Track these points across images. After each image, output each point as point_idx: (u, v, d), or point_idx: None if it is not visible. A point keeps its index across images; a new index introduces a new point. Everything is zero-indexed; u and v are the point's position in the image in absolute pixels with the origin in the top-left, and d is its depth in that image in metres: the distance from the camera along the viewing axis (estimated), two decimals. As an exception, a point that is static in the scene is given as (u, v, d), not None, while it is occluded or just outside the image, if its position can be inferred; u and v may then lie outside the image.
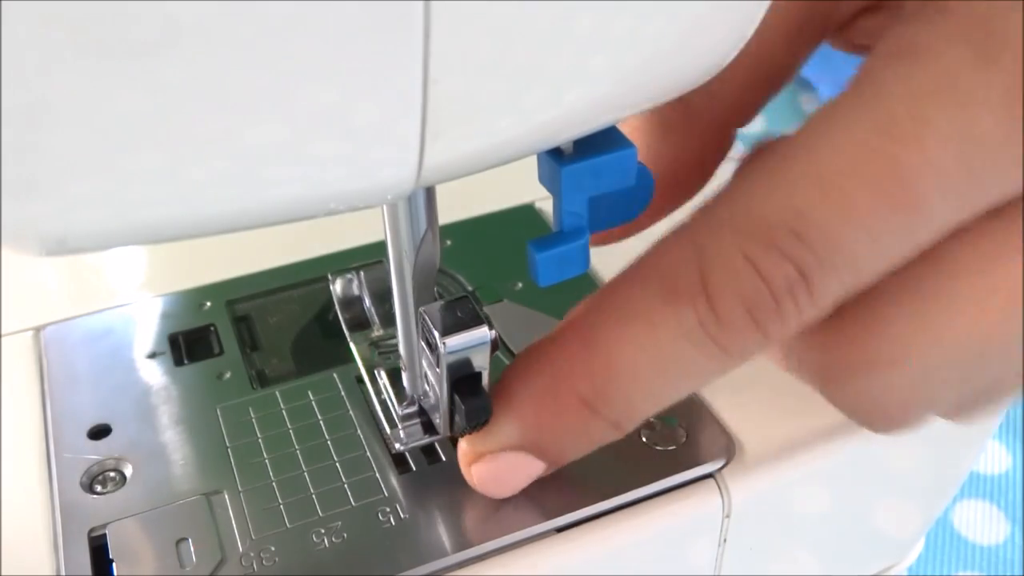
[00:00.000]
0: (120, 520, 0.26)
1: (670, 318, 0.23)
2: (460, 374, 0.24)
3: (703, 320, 0.23)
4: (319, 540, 0.25)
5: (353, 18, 0.14)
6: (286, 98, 0.15)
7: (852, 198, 0.21)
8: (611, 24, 0.17)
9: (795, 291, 0.22)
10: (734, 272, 0.22)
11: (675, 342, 0.23)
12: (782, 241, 0.21)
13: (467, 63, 0.15)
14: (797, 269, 0.22)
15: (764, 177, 0.22)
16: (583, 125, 0.19)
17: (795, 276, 0.22)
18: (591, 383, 0.24)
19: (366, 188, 0.17)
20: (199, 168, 0.15)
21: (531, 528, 0.25)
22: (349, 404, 0.29)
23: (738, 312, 0.22)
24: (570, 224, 0.23)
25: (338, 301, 0.29)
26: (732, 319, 0.22)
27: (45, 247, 0.16)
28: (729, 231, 0.22)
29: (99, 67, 0.14)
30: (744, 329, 0.22)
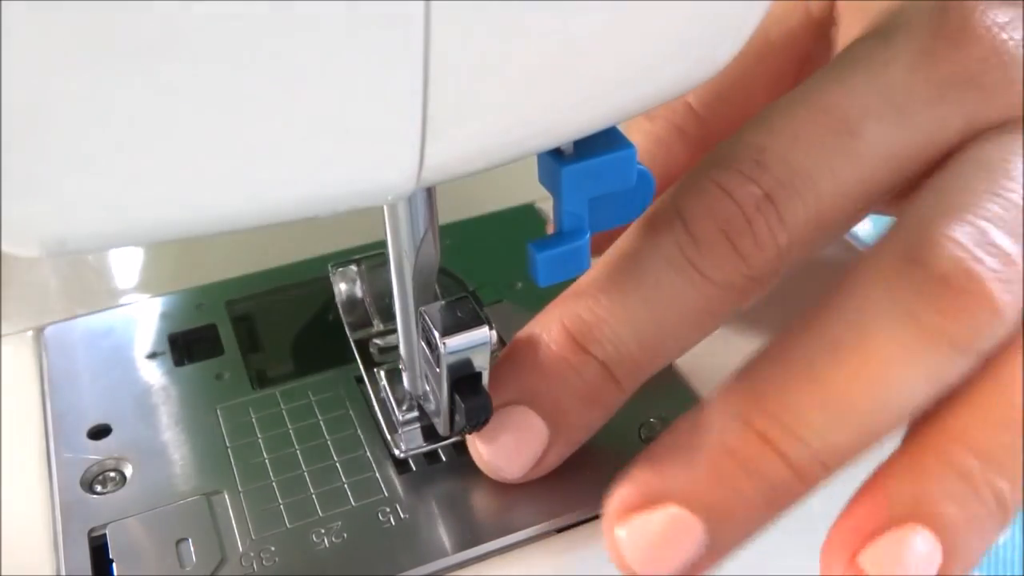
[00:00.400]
0: (120, 520, 0.26)
1: (652, 250, 0.24)
2: (460, 374, 0.24)
3: (680, 243, 0.24)
4: (319, 540, 0.25)
5: (354, 18, 0.14)
6: (286, 98, 0.15)
7: (799, 131, 0.24)
8: (611, 25, 0.17)
9: (763, 209, 0.23)
10: (704, 195, 0.24)
11: (658, 271, 0.24)
12: (746, 168, 0.24)
13: (467, 63, 0.15)
14: (762, 190, 0.23)
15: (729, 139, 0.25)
16: (583, 126, 0.19)
17: (761, 196, 0.23)
18: (577, 318, 0.24)
19: (367, 188, 0.17)
20: (199, 168, 0.15)
21: (531, 528, 0.25)
22: (349, 404, 0.29)
23: (712, 230, 0.23)
24: (570, 224, 0.23)
25: (338, 293, 0.29)
26: (707, 238, 0.23)
27: (45, 247, 0.16)
28: (700, 169, 0.24)
29: (99, 68, 0.14)
30: (721, 250, 0.23)
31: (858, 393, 0.21)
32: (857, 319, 0.21)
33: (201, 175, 0.15)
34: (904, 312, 0.21)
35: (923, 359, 0.21)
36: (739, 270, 0.23)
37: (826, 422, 0.21)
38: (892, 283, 0.21)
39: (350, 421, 0.28)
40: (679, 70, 0.19)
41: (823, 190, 0.24)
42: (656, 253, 0.24)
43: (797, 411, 0.21)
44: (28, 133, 0.14)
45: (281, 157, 0.16)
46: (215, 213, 0.16)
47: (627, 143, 0.22)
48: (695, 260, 0.24)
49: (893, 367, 0.21)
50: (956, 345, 0.21)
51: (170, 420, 0.29)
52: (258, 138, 0.15)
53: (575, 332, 0.24)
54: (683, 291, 0.24)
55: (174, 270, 0.35)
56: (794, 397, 0.21)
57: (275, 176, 0.16)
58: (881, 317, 0.21)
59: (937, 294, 0.21)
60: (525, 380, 0.25)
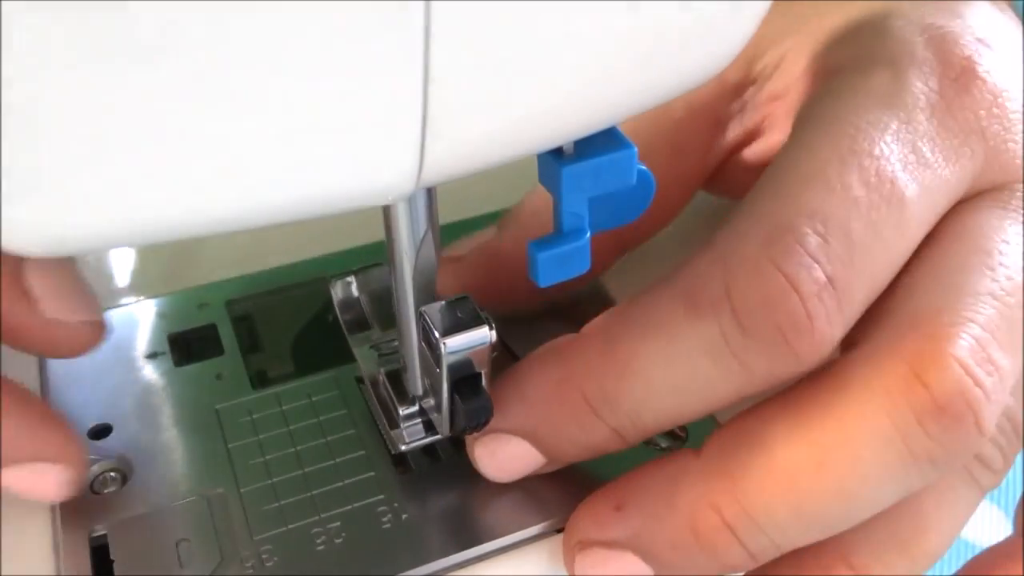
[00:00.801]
0: (120, 520, 0.26)
1: (691, 332, 0.22)
2: (460, 374, 0.24)
3: (726, 332, 0.22)
4: (319, 541, 0.25)
5: (354, 18, 0.14)
6: (286, 99, 0.15)
7: (856, 194, 0.22)
8: (612, 25, 0.17)
9: (825, 300, 0.21)
10: (761, 281, 0.21)
11: (693, 358, 0.22)
12: (809, 245, 0.22)
13: (468, 63, 0.15)
14: (826, 275, 0.22)
15: (772, 184, 0.23)
16: (583, 126, 0.19)
17: (824, 282, 0.22)
18: (599, 386, 0.23)
19: (367, 189, 0.17)
20: (199, 168, 0.15)
21: (531, 528, 0.25)
22: (349, 405, 0.29)
23: (768, 325, 0.21)
24: (570, 224, 0.23)
25: (338, 304, 0.29)
26: (760, 332, 0.21)
27: (44, 247, 0.16)
28: (752, 240, 0.22)
29: (98, 69, 0.14)
30: (774, 346, 0.22)
31: (832, 504, 0.22)
32: (849, 436, 0.22)
33: (200, 175, 0.15)
34: (898, 435, 0.21)
35: (902, 478, 0.22)
36: (788, 367, 0.22)
37: (793, 522, 0.22)
38: (893, 399, 0.21)
39: (350, 421, 0.28)
40: (680, 70, 0.19)
41: (878, 269, 0.23)
42: (696, 339, 0.22)
43: (768, 509, 0.22)
44: (28, 133, 0.14)
45: (281, 158, 0.16)
46: (215, 213, 0.16)
47: (627, 143, 0.22)
48: (740, 353, 0.22)
49: (872, 486, 0.22)
50: (936, 464, 0.22)
51: (170, 420, 0.29)
52: (258, 138, 0.15)
53: (593, 400, 0.23)
54: (719, 382, 0.22)
55: (174, 270, 0.35)
56: (768, 494, 0.22)
57: (275, 176, 0.16)
58: (874, 438, 0.21)
59: (934, 419, 0.21)
60: (532, 419, 0.25)
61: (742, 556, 0.22)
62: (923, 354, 0.21)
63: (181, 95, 0.14)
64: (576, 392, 0.24)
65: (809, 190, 0.22)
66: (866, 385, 0.22)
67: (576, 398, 0.24)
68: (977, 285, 0.23)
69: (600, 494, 0.24)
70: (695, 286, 0.22)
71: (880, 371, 0.22)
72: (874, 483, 0.22)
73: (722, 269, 0.22)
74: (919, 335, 0.22)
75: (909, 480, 0.22)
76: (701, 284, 0.22)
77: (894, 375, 0.21)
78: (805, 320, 0.21)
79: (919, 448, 0.21)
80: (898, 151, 0.23)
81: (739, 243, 0.22)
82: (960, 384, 0.21)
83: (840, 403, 0.22)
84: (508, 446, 0.25)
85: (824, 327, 0.22)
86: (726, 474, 0.22)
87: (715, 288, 0.22)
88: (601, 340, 0.24)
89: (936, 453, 0.21)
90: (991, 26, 0.26)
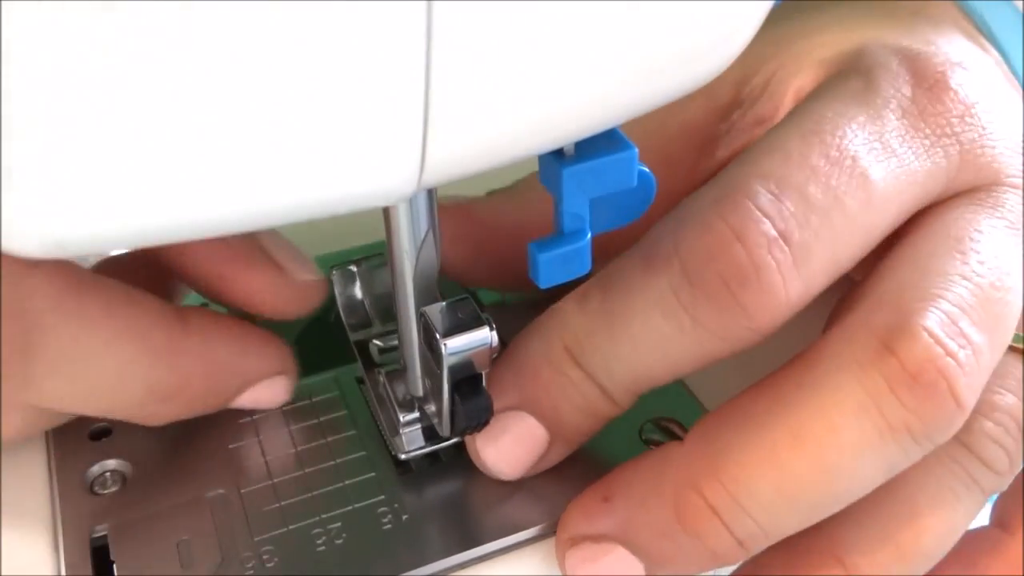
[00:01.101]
0: (121, 521, 0.26)
1: (644, 287, 0.23)
2: (461, 375, 0.24)
3: (675, 286, 0.22)
4: (319, 541, 0.25)
5: (355, 19, 0.14)
6: (287, 100, 0.15)
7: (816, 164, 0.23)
8: (614, 26, 0.17)
9: (776, 254, 0.22)
10: (709, 234, 0.22)
11: (648, 314, 0.23)
12: (761, 202, 0.22)
13: (469, 65, 0.15)
14: (777, 230, 0.22)
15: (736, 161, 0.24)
16: (585, 127, 0.19)
17: (774, 237, 0.22)
18: (576, 340, 0.24)
19: (368, 190, 0.17)
20: (199, 170, 0.15)
21: (531, 529, 0.25)
22: (349, 405, 0.29)
23: (713, 278, 0.22)
24: (571, 225, 0.23)
25: (338, 295, 0.29)
26: (706, 285, 0.22)
27: (43, 249, 0.16)
28: (706, 200, 0.23)
29: (98, 70, 0.14)
30: (721, 300, 0.22)
31: (814, 481, 0.22)
32: (824, 407, 0.22)
33: (201, 177, 0.15)
34: (872, 403, 0.21)
35: (881, 451, 0.22)
36: (739, 322, 0.22)
37: (777, 502, 0.22)
38: (865, 370, 0.22)
39: (350, 422, 0.28)
40: (681, 71, 0.19)
41: (839, 236, 0.23)
42: (647, 294, 0.23)
43: (750, 488, 0.22)
44: (28, 134, 0.14)
45: (282, 159, 0.16)
46: (215, 215, 0.16)
47: (628, 144, 0.22)
48: (689, 306, 0.22)
49: (852, 459, 0.22)
50: (916, 438, 0.22)
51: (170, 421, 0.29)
52: (258, 140, 0.15)
53: (572, 350, 0.24)
54: (672, 336, 0.23)
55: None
56: (750, 474, 0.22)
57: (275, 178, 0.16)
58: (848, 407, 0.22)
59: (906, 387, 0.21)
60: (525, 388, 0.25)
61: (729, 542, 0.22)
62: (892, 326, 0.22)
63: (180, 97, 0.14)
64: (558, 347, 0.24)
65: (766, 157, 0.23)
66: (838, 358, 0.22)
67: (560, 353, 0.24)
68: (947, 267, 0.23)
69: (590, 489, 0.25)
70: (650, 244, 0.23)
71: (851, 345, 0.22)
72: (853, 455, 0.22)
73: (673, 226, 0.23)
74: (888, 310, 0.22)
75: (889, 454, 0.22)
76: (654, 242, 0.23)
77: (865, 347, 0.22)
78: (751, 270, 0.22)
79: (895, 418, 0.21)
80: (863, 137, 0.24)
81: (692, 203, 0.23)
82: (929, 352, 0.21)
83: (813, 377, 0.22)
84: (509, 425, 0.25)
85: (774, 278, 0.22)
86: (707, 456, 0.23)
87: (666, 244, 0.23)
88: (575, 300, 0.25)
89: (913, 424, 0.21)
90: (964, 53, 0.28)
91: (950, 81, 0.26)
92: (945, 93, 0.25)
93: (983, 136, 0.25)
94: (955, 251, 0.24)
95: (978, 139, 0.25)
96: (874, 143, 0.24)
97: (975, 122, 0.25)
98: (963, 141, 0.25)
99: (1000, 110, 0.26)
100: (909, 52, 0.26)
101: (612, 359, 0.24)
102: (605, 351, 0.24)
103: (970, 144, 0.25)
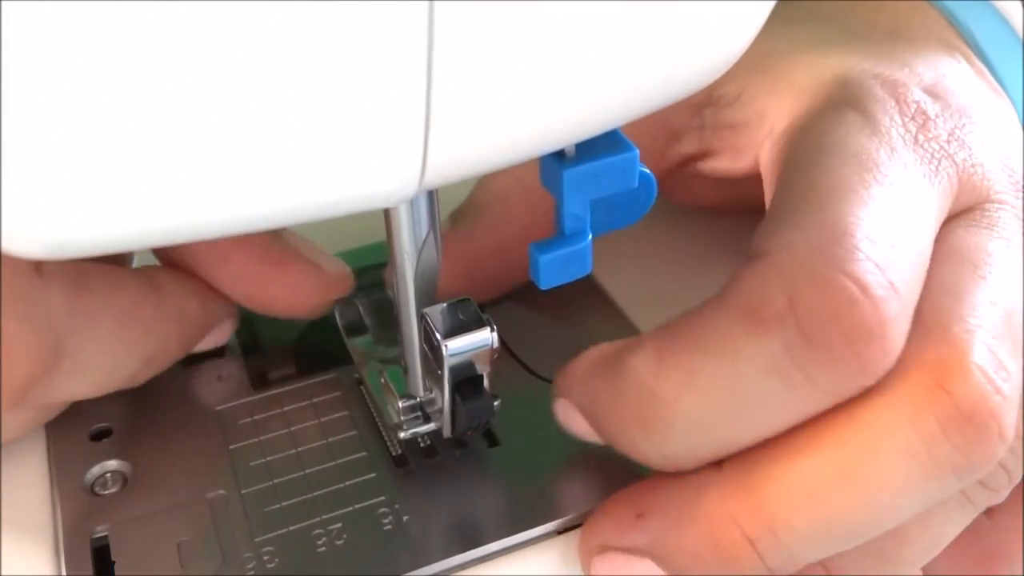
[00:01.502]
0: (121, 522, 0.26)
1: (753, 348, 0.21)
2: (462, 376, 0.24)
3: (792, 346, 0.21)
4: (320, 542, 0.25)
5: (357, 20, 0.14)
6: (288, 102, 0.15)
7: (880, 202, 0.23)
8: (615, 28, 0.17)
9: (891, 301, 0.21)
10: (827, 286, 0.21)
11: (756, 376, 0.21)
12: (864, 245, 0.21)
13: (471, 67, 0.15)
14: (887, 279, 0.21)
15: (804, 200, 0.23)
16: (586, 129, 0.19)
17: (887, 283, 0.21)
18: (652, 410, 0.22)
19: (369, 192, 0.17)
20: (200, 172, 0.15)
21: (532, 530, 0.25)
22: (350, 406, 0.29)
23: (833, 335, 0.21)
24: (572, 226, 0.23)
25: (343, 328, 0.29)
26: (826, 342, 0.21)
27: (45, 250, 0.16)
28: (809, 248, 0.22)
29: (99, 71, 0.14)
30: (842, 359, 0.21)
31: (854, 518, 0.22)
32: (873, 448, 0.21)
33: (203, 178, 0.15)
34: (923, 447, 0.21)
35: (925, 488, 0.22)
36: (855, 380, 0.21)
37: (814, 536, 0.22)
38: (918, 410, 0.21)
39: (351, 423, 0.28)
40: (682, 72, 0.19)
41: (917, 269, 0.23)
42: (759, 356, 0.21)
43: (790, 523, 0.22)
44: (29, 135, 0.14)
45: (283, 161, 0.16)
46: (217, 216, 0.16)
47: (629, 146, 0.22)
48: (806, 366, 0.21)
49: (895, 498, 0.21)
50: (960, 475, 0.22)
51: (171, 421, 0.29)
52: (260, 142, 0.15)
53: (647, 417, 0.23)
54: (783, 400, 0.22)
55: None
56: (791, 510, 0.22)
57: (276, 179, 0.16)
58: (898, 450, 0.21)
59: (959, 429, 0.21)
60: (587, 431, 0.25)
61: (760, 570, 0.22)
62: (945, 362, 0.21)
63: (182, 98, 0.14)
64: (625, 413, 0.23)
65: (846, 201, 0.23)
66: (889, 395, 0.22)
67: (626, 421, 0.23)
68: (977, 294, 0.23)
69: (621, 499, 0.24)
70: (754, 300, 0.22)
71: (903, 380, 0.22)
72: (897, 495, 0.21)
73: (781, 280, 0.21)
74: (938, 343, 0.22)
75: (931, 491, 0.22)
76: (760, 298, 0.21)
77: (917, 384, 0.21)
78: (876, 327, 0.21)
79: (943, 459, 0.21)
80: (896, 169, 0.24)
81: (795, 252, 0.22)
82: (982, 390, 0.21)
83: (864, 414, 0.22)
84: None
85: (895, 331, 0.21)
86: (748, 488, 0.22)
87: (776, 300, 0.21)
88: (655, 360, 0.23)
89: (960, 463, 0.21)
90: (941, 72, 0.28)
91: (928, 110, 0.26)
92: (928, 120, 0.26)
93: (972, 155, 0.25)
94: (978, 276, 0.23)
95: (969, 157, 0.25)
96: (902, 172, 0.24)
97: (962, 142, 0.26)
98: (957, 162, 0.25)
99: (982, 124, 0.27)
100: (887, 80, 0.27)
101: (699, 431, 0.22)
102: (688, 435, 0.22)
103: (963, 163, 0.25)
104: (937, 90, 0.27)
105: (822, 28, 0.30)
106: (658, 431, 0.22)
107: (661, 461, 0.23)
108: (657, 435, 0.23)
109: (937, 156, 0.25)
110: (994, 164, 0.26)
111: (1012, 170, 0.26)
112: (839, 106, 0.26)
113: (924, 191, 0.24)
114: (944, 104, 0.26)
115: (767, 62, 0.29)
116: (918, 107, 0.26)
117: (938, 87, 0.27)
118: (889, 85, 0.26)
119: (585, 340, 0.26)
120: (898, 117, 0.25)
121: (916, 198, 0.24)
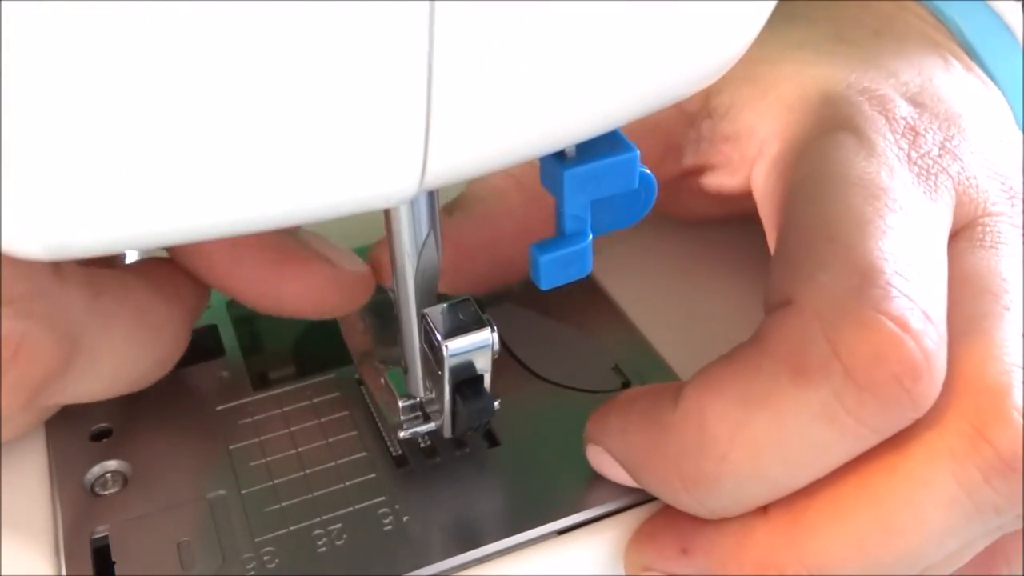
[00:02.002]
0: (121, 522, 0.26)
1: (801, 399, 0.21)
2: (462, 376, 0.24)
3: (840, 393, 0.21)
4: (320, 542, 0.25)
5: (357, 20, 0.14)
6: (288, 103, 0.15)
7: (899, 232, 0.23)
8: (615, 29, 0.17)
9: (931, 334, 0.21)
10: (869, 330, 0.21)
11: (805, 426, 0.21)
12: (895, 280, 0.22)
13: (471, 67, 0.15)
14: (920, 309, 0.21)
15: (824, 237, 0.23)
16: (586, 129, 0.19)
17: (923, 315, 0.21)
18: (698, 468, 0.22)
19: (370, 193, 0.17)
20: (202, 172, 0.15)
21: (532, 530, 0.25)
22: (350, 406, 0.29)
23: (882, 376, 0.21)
24: (572, 227, 0.23)
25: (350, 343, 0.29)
26: (875, 384, 0.21)
27: (46, 250, 0.16)
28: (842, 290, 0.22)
29: (100, 71, 0.14)
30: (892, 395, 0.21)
31: (897, 565, 0.22)
32: (915, 500, 0.21)
33: (204, 179, 0.15)
34: (965, 496, 0.21)
35: (966, 531, 0.22)
36: (906, 415, 0.21)
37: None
38: (960, 462, 0.21)
39: (351, 423, 0.28)
40: (682, 73, 0.19)
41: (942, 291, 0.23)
42: (808, 406, 0.21)
43: (832, 572, 0.22)
44: (30, 136, 0.14)
45: (284, 161, 0.16)
46: (219, 217, 0.16)
47: (630, 146, 0.22)
48: (856, 410, 0.21)
49: (938, 545, 0.22)
50: (1000, 515, 0.22)
51: (171, 422, 0.29)
52: (260, 143, 0.15)
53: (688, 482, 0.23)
54: (833, 445, 0.21)
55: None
56: (834, 560, 0.22)
57: (276, 180, 0.16)
58: (940, 500, 0.21)
59: (1001, 476, 0.21)
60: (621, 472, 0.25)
61: None
62: (984, 411, 0.21)
63: (183, 99, 0.14)
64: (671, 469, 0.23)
65: (867, 235, 0.22)
66: (930, 446, 0.22)
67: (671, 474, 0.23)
68: (1004, 327, 0.23)
69: (666, 529, 0.24)
70: (795, 349, 0.21)
71: (943, 430, 0.22)
72: (940, 541, 0.22)
73: (821, 325, 0.21)
74: (976, 390, 0.22)
75: (973, 532, 0.22)
76: (802, 346, 0.21)
77: (957, 434, 0.21)
78: (923, 362, 0.21)
79: (985, 504, 0.21)
80: (903, 191, 0.24)
81: (828, 296, 0.22)
82: (1021, 436, 0.21)
83: (905, 465, 0.22)
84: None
85: (939, 362, 0.21)
86: (792, 536, 0.22)
87: (819, 348, 0.21)
88: (697, 415, 0.22)
89: (1002, 505, 0.21)
90: (927, 77, 0.28)
91: (917, 124, 0.26)
92: (918, 135, 0.26)
93: (964, 169, 0.25)
94: (1000, 308, 0.23)
95: (962, 171, 0.25)
96: (906, 193, 0.24)
97: (953, 154, 0.26)
98: (952, 175, 0.25)
99: (971, 131, 0.27)
100: (874, 96, 0.27)
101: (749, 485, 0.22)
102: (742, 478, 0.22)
103: (958, 176, 0.25)
104: (923, 98, 0.27)
105: (808, 28, 0.30)
106: (703, 488, 0.22)
107: (707, 513, 0.23)
108: (702, 491, 0.23)
109: (933, 171, 0.25)
110: (986, 174, 0.26)
111: (1004, 177, 0.26)
112: (831, 129, 0.26)
113: (929, 209, 0.24)
114: (932, 114, 0.26)
115: (756, 70, 0.28)
116: (906, 123, 0.26)
117: (924, 95, 0.27)
118: (877, 101, 0.26)
119: (585, 340, 0.26)
120: (889, 135, 0.25)
121: (925, 218, 0.24)
